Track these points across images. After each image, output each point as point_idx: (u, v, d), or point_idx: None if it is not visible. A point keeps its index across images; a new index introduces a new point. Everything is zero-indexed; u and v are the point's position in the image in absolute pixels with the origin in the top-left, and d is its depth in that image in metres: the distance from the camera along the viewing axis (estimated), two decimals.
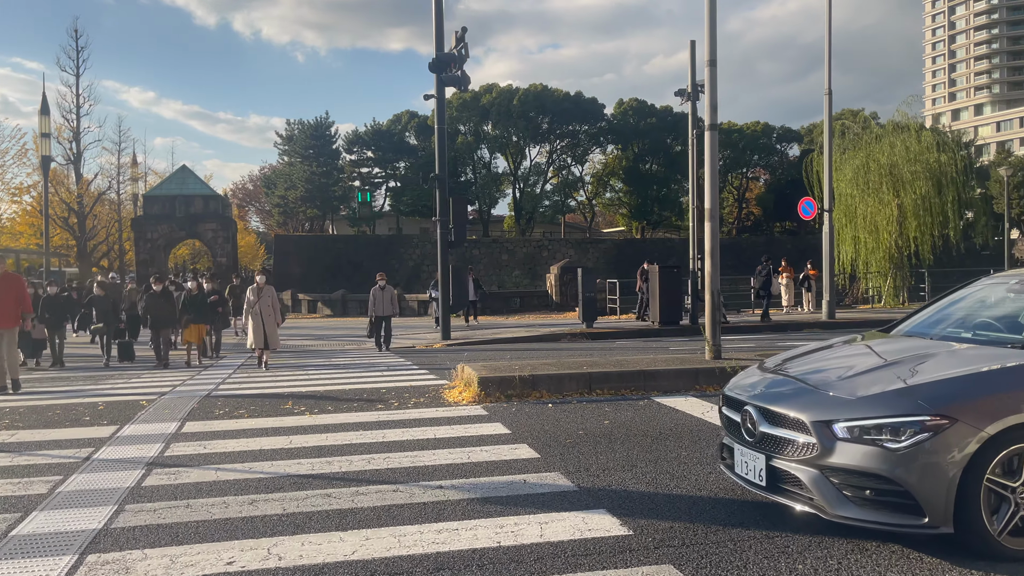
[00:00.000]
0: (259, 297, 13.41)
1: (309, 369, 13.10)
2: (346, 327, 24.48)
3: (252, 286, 13.81)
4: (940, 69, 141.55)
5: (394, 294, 17.00)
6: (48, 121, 43.71)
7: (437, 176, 19.77)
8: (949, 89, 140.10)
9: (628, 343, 17.40)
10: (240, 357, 15.72)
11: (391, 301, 16.85)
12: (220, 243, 31.20)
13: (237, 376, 12.16)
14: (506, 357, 14.06)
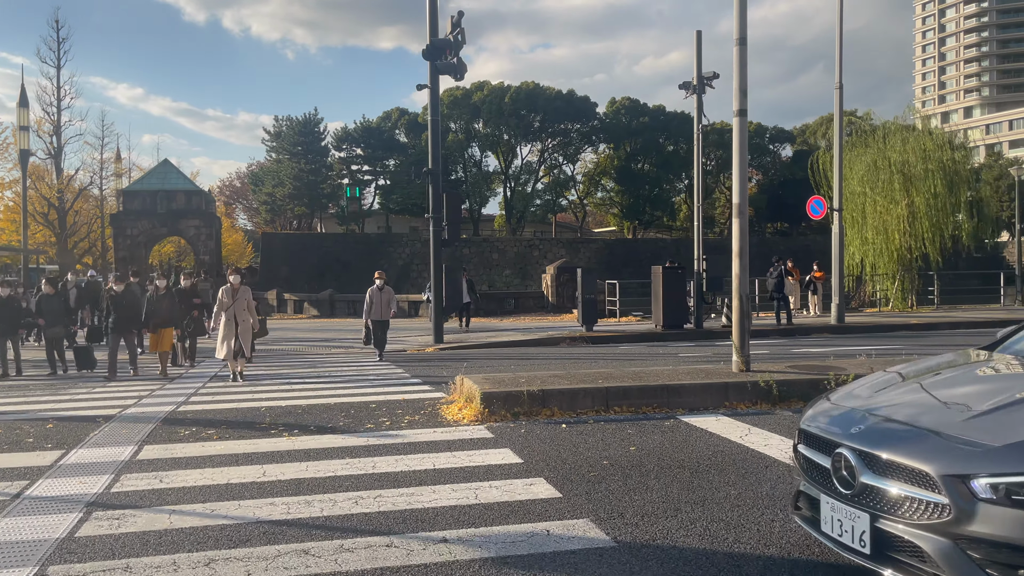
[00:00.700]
0: (233, 299, 11.72)
1: (292, 379, 12.02)
2: (334, 328, 23.39)
3: (225, 286, 11.99)
4: (930, 72, 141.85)
5: (393, 296, 14.95)
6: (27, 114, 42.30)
7: (430, 170, 18.71)
8: (939, 92, 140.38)
9: (632, 348, 16.42)
10: (216, 365, 14.53)
11: (389, 303, 14.77)
12: (203, 240, 29.99)
13: (211, 387, 11.07)
14: (505, 364, 13.04)
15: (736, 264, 8.83)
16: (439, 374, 11.92)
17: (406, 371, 12.58)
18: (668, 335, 18.97)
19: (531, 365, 13.05)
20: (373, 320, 14.64)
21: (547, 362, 13.64)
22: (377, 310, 14.61)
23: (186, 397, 9.80)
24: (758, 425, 7.20)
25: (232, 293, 11.79)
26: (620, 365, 12.72)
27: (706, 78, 20.14)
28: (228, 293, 11.78)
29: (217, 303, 11.84)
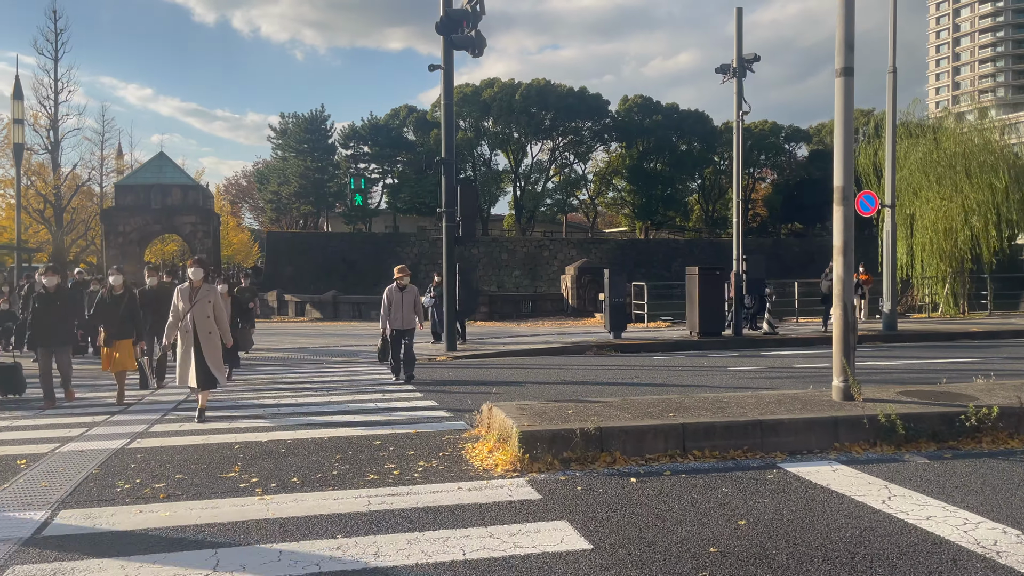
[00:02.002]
0: (192, 303, 8.36)
1: (281, 395, 10.19)
2: (336, 332, 21.57)
3: (182, 286, 8.58)
4: (944, 72, 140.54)
5: (419, 297, 11.74)
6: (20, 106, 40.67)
7: (443, 160, 16.87)
8: (953, 92, 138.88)
9: (669, 359, 14.55)
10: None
11: (414, 307, 11.60)
12: (200, 238, 28.21)
13: (177, 415, 8.78)
14: (530, 378, 11.18)
15: (839, 263, 6.95)
16: (456, 393, 10.07)
17: (416, 388, 10.74)
18: (705, 343, 17.10)
19: (562, 381, 11.20)
20: (396, 329, 11.45)
21: (579, 376, 11.78)
22: (398, 315, 11.44)
23: (143, 429, 7.83)
24: (895, 480, 5.34)
25: (190, 295, 8.41)
26: (696, 392, 10.85)
27: (747, 60, 18.25)
28: (185, 295, 8.40)
29: (172, 310, 8.48)
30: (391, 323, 11.41)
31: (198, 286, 8.51)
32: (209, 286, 8.76)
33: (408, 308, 11.51)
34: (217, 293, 8.77)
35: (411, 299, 11.55)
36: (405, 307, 11.51)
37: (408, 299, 11.51)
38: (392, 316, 11.43)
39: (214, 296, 8.61)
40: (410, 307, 11.54)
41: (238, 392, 10.45)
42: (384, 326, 11.44)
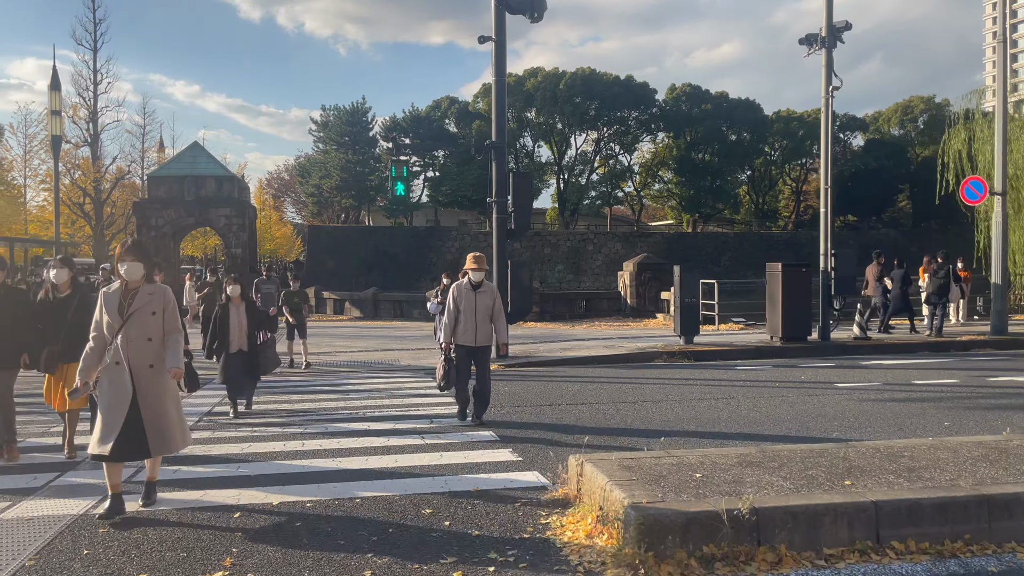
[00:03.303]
0: (124, 318, 5.14)
1: (306, 422, 8.50)
2: (376, 334, 19.96)
3: (108, 288, 5.37)
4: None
5: (498, 300, 8.33)
6: (58, 97, 39.95)
7: (494, 144, 15.09)
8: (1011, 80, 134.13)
9: (757, 371, 12.55)
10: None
11: (490, 314, 8.21)
12: (235, 231, 26.85)
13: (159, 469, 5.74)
14: (604, 399, 9.32)
15: None
16: (519, 422, 8.26)
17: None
18: (789, 350, 15.07)
19: (641, 399, 9.32)
20: (464, 344, 8.09)
21: (661, 396, 9.88)
22: (469, 326, 8.05)
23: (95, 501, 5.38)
24: None
25: (122, 303, 5.16)
26: (773, 410, 8.89)
27: (837, 28, 16.07)
28: (112, 303, 5.17)
29: (92, 327, 5.23)
30: (458, 336, 8.06)
31: (135, 287, 5.13)
32: (156, 288, 5.25)
33: (483, 316, 8.10)
34: (170, 297, 5.30)
35: (488, 302, 8.15)
36: (479, 314, 8.06)
37: (484, 302, 8.12)
38: (461, 326, 8.05)
39: (162, 302, 5.21)
40: (486, 314, 8.12)
41: (253, 420, 8.79)
42: (445, 339, 8.16)
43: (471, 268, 8.15)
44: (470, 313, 8.04)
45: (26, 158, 46.76)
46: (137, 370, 5.08)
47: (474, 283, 8.10)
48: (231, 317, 8.93)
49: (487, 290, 8.18)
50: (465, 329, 8.04)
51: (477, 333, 8.06)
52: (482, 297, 8.12)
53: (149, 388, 5.11)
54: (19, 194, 49.17)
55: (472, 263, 8.22)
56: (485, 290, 8.15)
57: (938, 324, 16.46)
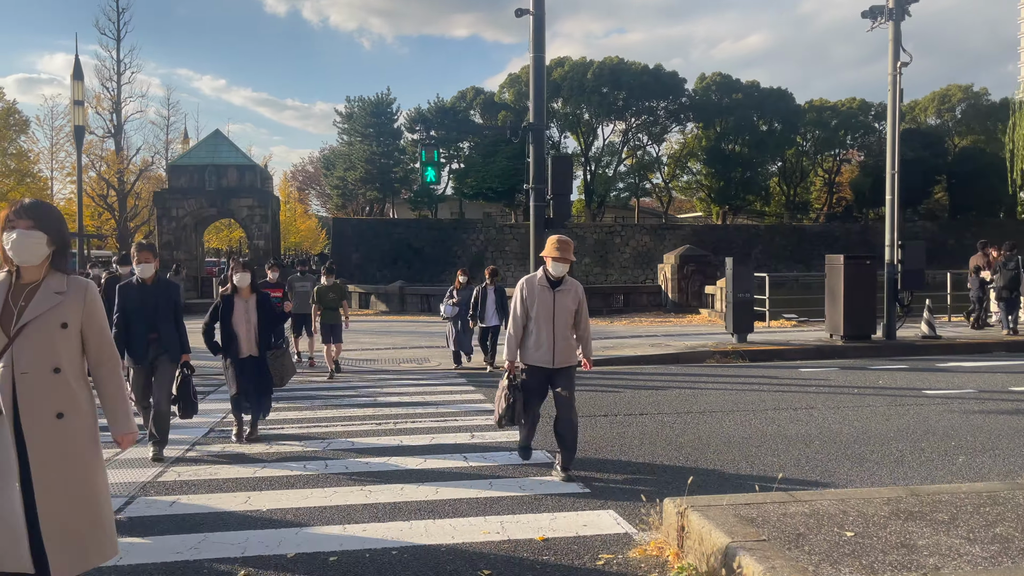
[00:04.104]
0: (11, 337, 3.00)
1: (329, 437, 7.47)
2: (403, 330, 18.97)
3: None
4: None
5: (583, 302, 5.95)
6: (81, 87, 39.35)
7: (532, 125, 13.99)
8: None
9: (824, 372, 11.34)
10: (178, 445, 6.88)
11: (574, 319, 5.90)
12: (257, 222, 25.97)
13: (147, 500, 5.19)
14: (664, 408, 8.18)
15: None
16: None
17: None
18: (853, 350, 13.82)
19: (708, 410, 8.17)
20: (533, 365, 5.87)
21: (726, 404, 8.73)
22: (545, 337, 5.80)
23: None
24: None
25: (7, 306, 3.05)
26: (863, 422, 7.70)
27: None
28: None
29: None
30: (528, 354, 5.79)
31: (32, 281, 3.08)
32: (73, 282, 3.14)
33: (565, 325, 5.76)
34: (93, 299, 3.20)
35: (571, 306, 5.79)
36: (560, 322, 5.72)
37: (566, 306, 5.76)
38: (532, 339, 5.76)
39: (81, 306, 3.15)
40: (568, 322, 5.78)
41: (264, 445, 7.77)
42: (509, 356, 5.86)
43: (553, 256, 5.66)
44: (546, 321, 5.70)
45: (52, 151, 46.52)
46: (32, 425, 2.97)
47: (553, 278, 5.73)
48: (236, 313, 7.10)
49: (570, 289, 5.79)
50: (539, 344, 5.73)
51: (556, 349, 5.72)
52: (563, 298, 5.74)
53: (52, 460, 2.97)
54: (45, 186, 49.02)
55: (555, 249, 5.66)
56: (567, 289, 5.78)
57: (1013, 321, 15.09)
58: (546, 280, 5.78)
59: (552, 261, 5.71)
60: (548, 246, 5.77)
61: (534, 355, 5.78)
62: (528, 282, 5.85)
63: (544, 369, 5.78)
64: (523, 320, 5.80)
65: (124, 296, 6.40)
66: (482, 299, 12.13)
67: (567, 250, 5.71)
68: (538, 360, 5.77)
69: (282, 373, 7.28)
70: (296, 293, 12.47)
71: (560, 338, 5.75)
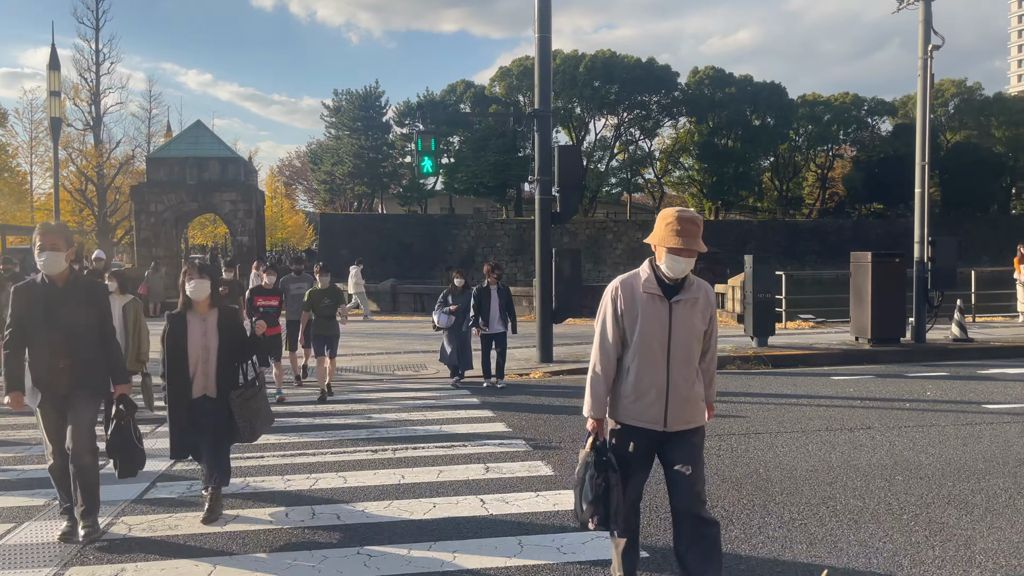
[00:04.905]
0: None
1: (321, 468, 6.37)
2: (396, 332, 17.85)
3: None
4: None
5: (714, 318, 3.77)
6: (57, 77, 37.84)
7: (537, 112, 12.88)
8: None
9: (859, 381, 10.33)
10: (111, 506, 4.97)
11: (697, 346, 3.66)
12: (241, 218, 24.70)
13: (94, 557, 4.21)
14: None
15: None
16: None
17: (529, 443, 6.80)
18: (883, 354, 12.84)
19: (739, 432, 7.12)
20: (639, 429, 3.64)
21: (758, 422, 7.68)
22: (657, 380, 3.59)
23: None
24: None
25: None
26: (904, 426, 6.65)
27: None
28: None
29: None
30: (629, 405, 3.62)
31: None
32: None
33: (686, 352, 3.59)
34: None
35: (699, 324, 3.61)
36: (678, 348, 3.57)
37: (691, 324, 3.59)
38: (632, 379, 3.59)
39: None
40: (691, 347, 3.61)
41: (243, 464, 6.64)
42: (594, 411, 3.65)
43: (672, 246, 3.47)
44: (656, 351, 3.54)
45: (32, 145, 45.11)
46: None
47: (670, 281, 3.55)
48: (191, 337, 5.04)
49: (695, 297, 3.59)
50: (641, 390, 3.56)
51: (672, 399, 3.55)
52: (686, 313, 3.56)
53: None
54: (24, 181, 47.53)
55: (675, 234, 3.48)
56: (692, 297, 3.58)
57: None
58: (656, 283, 3.53)
59: (669, 255, 3.47)
60: (663, 228, 3.51)
61: (633, 409, 3.58)
62: (625, 287, 3.60)
63: (650, 434, 3.57)
64: (617, 349, 3.59)
65: (19, 302, 4.52)
66: (484, 301, 10.39)
67: (695, 235, 3.47)
68: (640, 418, 3.57)
69: (253, 422, 5.06)
70: (292, 297, 10.63)
71: (680, 380, 3.54)
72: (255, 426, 5.10)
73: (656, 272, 3.57)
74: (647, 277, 3.58)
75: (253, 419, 5.06)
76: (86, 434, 4.51)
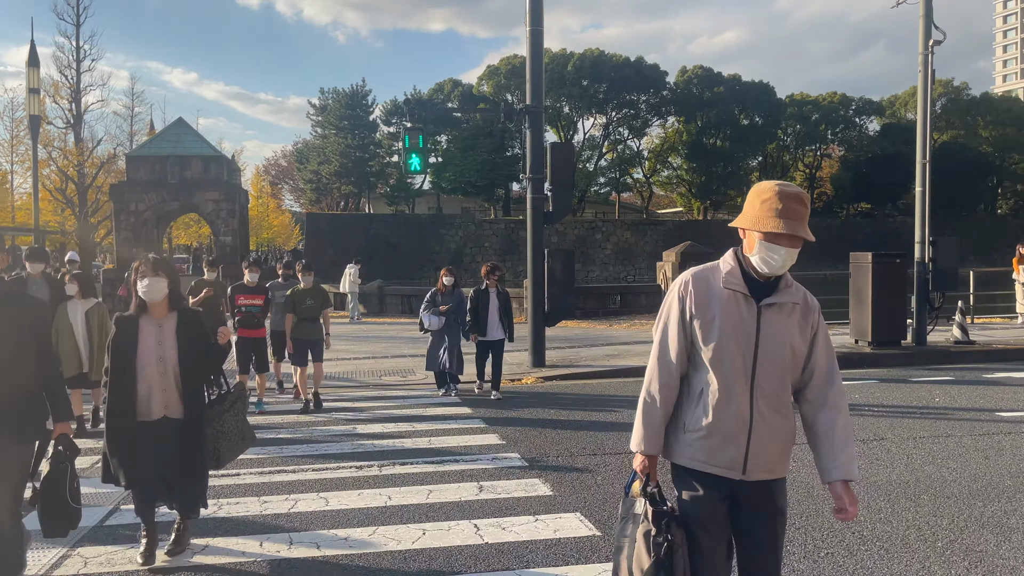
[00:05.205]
0: None
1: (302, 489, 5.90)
2: (384, 335, 17.39)
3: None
4: (1012, 44, 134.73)
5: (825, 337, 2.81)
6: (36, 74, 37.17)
7: (529, 108, 12.44)
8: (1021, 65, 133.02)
9: (861, 386, 9.98)
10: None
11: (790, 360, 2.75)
12: (223, 217, 24.12)
13: None
14: None
15: None
16: (601, 481, 5.66)
17: (512, 447, 6.37)
18: (884, 357, 12.51)
19: None
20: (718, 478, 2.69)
21: None
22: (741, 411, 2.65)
23: None
24: None
25: None
26: (921, 438, 6.27)
27: None
28: None
29: None
30: (695, 442, 2.70)
31: None
32: None
33: (777, 373, 2.69)
34: None
35: (797, 338, 2.71)
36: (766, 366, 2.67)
37: (786, 336, 2.69)
38: (704, 405, 2.68)
39: None
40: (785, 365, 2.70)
41: (218, 484, 6.16)
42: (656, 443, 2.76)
43: (770, 230, 2.58)
44: (739, 365, 2.66)
45: (12, 144, 44.36)
46: None
47: (765, 274, 2.66)
48: (143, 346, 4.21)
49: (792, 301, 2.71)
50: (714, 422, 2.66)
51: (756, 436, 2.66)
52: (778, 321, 2.68)
53: None
54: (4, 180, 46.74)
55: (775, 215, 2.59)
56: (788, 301, 2.70)
57: None
58: (742, 279, 2.68)
59: (765, 243, 2.60)
60: (758, 207, 2.64)
61: (701, 447, 2.67)
62: (699, 282, 2.76)
63: (723, 483, 2.68)
64: (682, 364, 2.73)
65: None
66: (481, 305, 9.67)
67: (801, 217, 2.59)
68: (712, 460, 2.66)
69: (217, 446, 4.30)
70: (277, 306, 9.65)
71: (766, 409, 2.65)
72: (220, 451, 4.32)
73: (743, 265, 2.69)
74: (730, 270, 2.70)
75: (218, 442, 4.28)
76: (5, 490, 3.53)
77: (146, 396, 4.16)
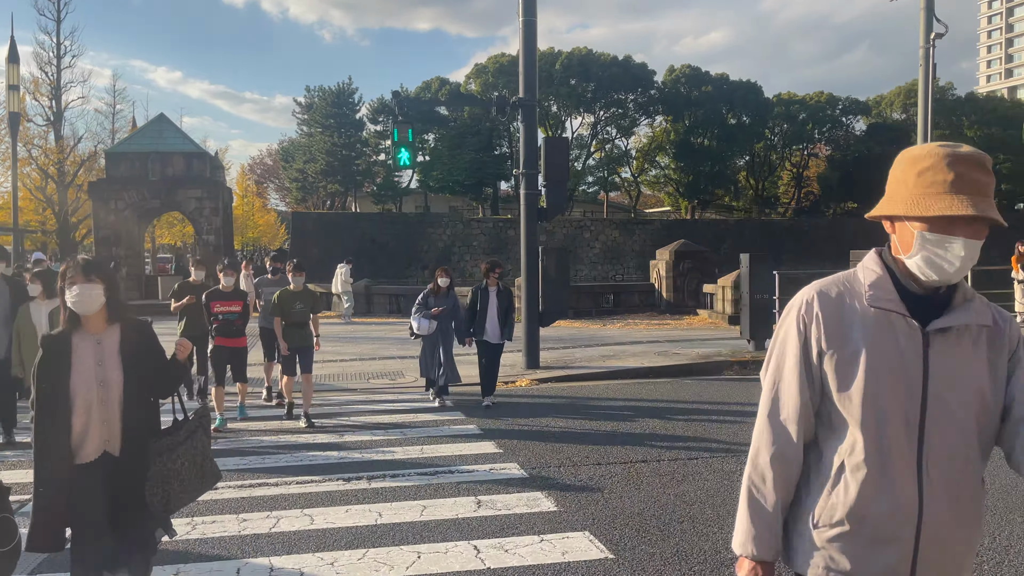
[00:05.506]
0: None
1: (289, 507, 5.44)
2: (371, 335, 16.93)
3: None
4: (996, 44, 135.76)
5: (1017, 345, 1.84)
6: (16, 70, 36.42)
7: (522, 101, 12.04)
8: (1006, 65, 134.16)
9: None
10: None
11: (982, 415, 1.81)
12: (206, 216, 23.53)
13: None
14: (695, 446, 6.31)
15: None
16: (608, 498, 5.26)
17: (510, 456, 5.97)
18: None
19: None
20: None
21: None
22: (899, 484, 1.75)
23: None
24: None
25: None
26: None
27: None
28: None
29: None
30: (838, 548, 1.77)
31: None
32: None
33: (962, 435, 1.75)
34: None
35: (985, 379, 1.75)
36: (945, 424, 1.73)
37: (973, 379, 1.74)
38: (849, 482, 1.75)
39: None
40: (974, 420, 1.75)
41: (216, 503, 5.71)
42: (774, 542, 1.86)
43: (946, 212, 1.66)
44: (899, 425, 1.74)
45: None
46: None
47: (932, 283, 1.74)
48: (79, 366, 3.23)
49: (981, 323, 1.77)
50: (868, 509, 1.75)
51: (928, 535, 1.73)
52: (956, 355, 1.75)
53: None
54: None
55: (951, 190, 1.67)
56: (974, 325, 1.76)
57: None
58: (895, 292, 1.78)
59: (930, 233, 1.70)
60: (913, 180, 1.74)
61: (844, 552, 1.78)
62: (826, 302, 1.83)
63: None
64: (805, 425, 1.85)
65: None
66: (481, 305, 9.11)
67: (986, 190, 1.70)
68: (857, 570, 1.77)
69: (167, 488, 3.26)
70: (267, 303, 9.08)
71: (943, 496, 1.74)
72: (168, 494, 3.27)
73: (894, 273, 1.80)
74: (875, 280, 1.79)
75: (168, 483, 3.25)
76: None
77: (82, 432, 3.21)
